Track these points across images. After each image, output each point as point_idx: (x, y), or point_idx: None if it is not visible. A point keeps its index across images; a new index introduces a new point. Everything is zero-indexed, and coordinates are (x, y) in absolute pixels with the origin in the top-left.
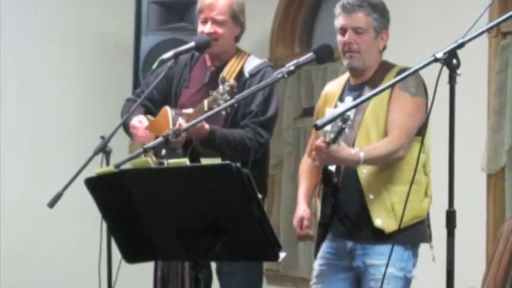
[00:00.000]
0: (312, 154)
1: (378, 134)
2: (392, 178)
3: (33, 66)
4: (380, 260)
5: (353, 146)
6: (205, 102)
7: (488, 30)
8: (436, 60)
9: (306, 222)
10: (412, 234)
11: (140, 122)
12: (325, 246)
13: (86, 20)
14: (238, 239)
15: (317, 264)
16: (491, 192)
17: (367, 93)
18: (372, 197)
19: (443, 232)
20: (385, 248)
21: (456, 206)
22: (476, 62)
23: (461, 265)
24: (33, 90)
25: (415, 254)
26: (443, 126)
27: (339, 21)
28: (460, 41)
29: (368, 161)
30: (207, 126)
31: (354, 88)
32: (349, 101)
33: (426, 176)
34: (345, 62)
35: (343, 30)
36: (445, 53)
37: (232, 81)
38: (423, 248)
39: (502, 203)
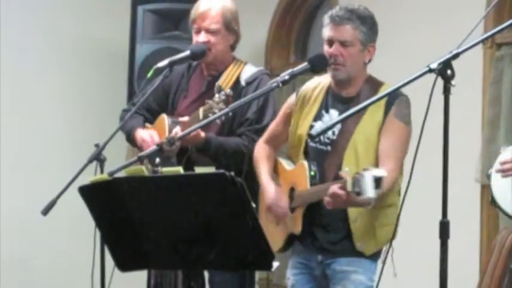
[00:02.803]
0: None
1: (367, 155)
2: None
3: (28, 74)
4: (350, 267)
5: (341, 165)
6: (201, 110)
7: (483, 41)
8: (430, 70)
9: (283, 200)
10: (383, 253)
11: (152, 137)
12: (297, 256)
13: (81, 28)
14: (232, 248)
15: (290, 274)
16: (485, 203)
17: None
18: (356, 221)
19: (437, 242)
20: (356, 258)
21: (450, 216)
22: (471, 72)
23: (455, 276)
24: (28, 98)
25: (376, 266)
26: (437, 136)
27: (327, 32)
28: (454, 52)
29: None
30: (202, 134)
31: (340, 101)
32: (335, 115)
33: (399, 196)
34: (330, 73)
35: (330, 42)
36: (439, 64)
37: (228, 90)
38: (416, 260)
39: (496, 213)
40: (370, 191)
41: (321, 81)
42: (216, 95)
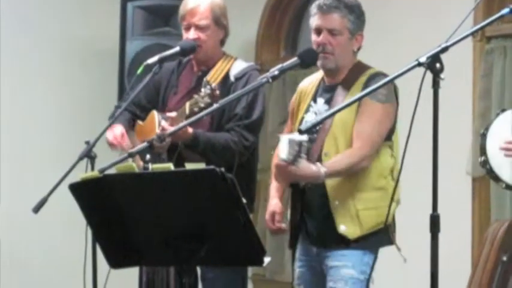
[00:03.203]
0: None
1: (345, 140)
2: (359, 184)
3: (17, 71)
4: (340, 261)
5: (321, 151)
6: (187, 105)
7: (472, 34)
8: (419, 64)
9: (277, 217)
10: (375, 240)
11: (116, 138)
12: (299, 249)
13: (71, 25)
14: (223, 244)
15: (296, 266)
16: (476, 196)
17: (339, 95)
18: (337, 203)
19: (428, 236)
20: (347, 251)
21: (441, 209)
22: (461, 66)
23: (446, 268)
24: (18, 95)
25: (374, 258)
26: (428, 130)
27: (314, 21)
28: (443, 45)
29: (330, 176)
30: (190, 130)
31: (327, 89)
32: (320, 103)
33: (393, 180)
34: (319, 62)
35: (318, 31)
36: (428, 58)
37: (213, 84)
38: (408, 253)
39: (487, 206)
40: (282, 153)
41: (316, 76)
42: (202, 89)
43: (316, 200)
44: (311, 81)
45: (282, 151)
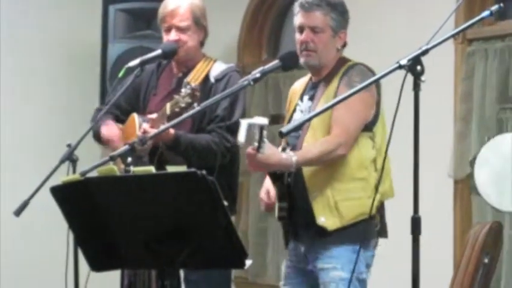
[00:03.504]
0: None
1: (324, 133)
2: (337, 175)
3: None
4: (329, 263)
5: (301, 147)
6: (168, 105)
7: (454, 36)
8: (400, 67)
9: (272, 193)
10: (360, 232)
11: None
12: (289, 248)
13: (52, 28)
14: (205, 247)
15: (284, 266)
16: (457, 198)
17: (320, 89)
18: (315, 194)
19: (410, 238)
20: (334, 251)
21: (423, 211)
22: (442, 68)
23: (428, 271)
24: (0, 99)
25: (367, 253)
26: (409, 132)
27: (297, 19)
28: (424, 48)
29: (303, 164)
30: (172, 131)
31: (313, 86)
32: (305, 100)
33: (376, 172)
34: (302, 60)
35: (301, 29)
36: (409, 60)
37: (193, 84)
38: (390, 255)
39: (469, 208)
40: (240, 136)
41: (306, 77)
42: (183, 90)
43: (299, 194)
44: (302, 81)
45: (240, 135)
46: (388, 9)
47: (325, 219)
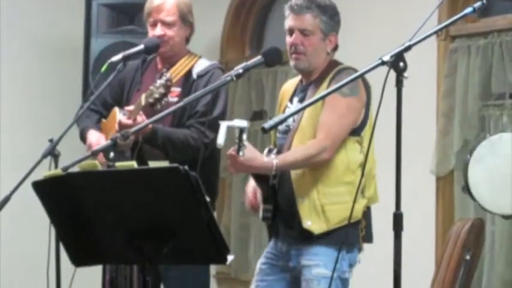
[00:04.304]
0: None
1: (313, 137)
2: (324, 179)
3: None
4: (312, 260)
5: (288, 149)
6: (143, 96)
7: (436, 33)
8: (383, 63)
9: (258, 193)
10: (344, 236)
11: (99, 143)
12: (269, 246)
13: (35, 23)
14: (186, 243)
15: (259, 263)
16: (440, 195)
17: (310, 93)
18: (301, 198)
19: (392, 234)
20: (318, 249)
21: (405, 208)
22: (425, 65)
23: (410, 267)
24: None
25: (351, 254)
26: (392, 129)
27: (288, 22)
28: (407, 44)
29: (284, 167)
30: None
31: (303, 89)
32: (295, 102)
33: (362, 175)
34: (291, 63)
35: (291, 31)
36: (392, 56)
37: (168, 75)
38: (372, 250)
39: (451, 205)
40: (219, 138)
41: (297, 78)
42: (157, 81)
43: (285, 196)
44: (293, 82)
45: (220, 137)
46: (369, 6)
47: (312, 223)
